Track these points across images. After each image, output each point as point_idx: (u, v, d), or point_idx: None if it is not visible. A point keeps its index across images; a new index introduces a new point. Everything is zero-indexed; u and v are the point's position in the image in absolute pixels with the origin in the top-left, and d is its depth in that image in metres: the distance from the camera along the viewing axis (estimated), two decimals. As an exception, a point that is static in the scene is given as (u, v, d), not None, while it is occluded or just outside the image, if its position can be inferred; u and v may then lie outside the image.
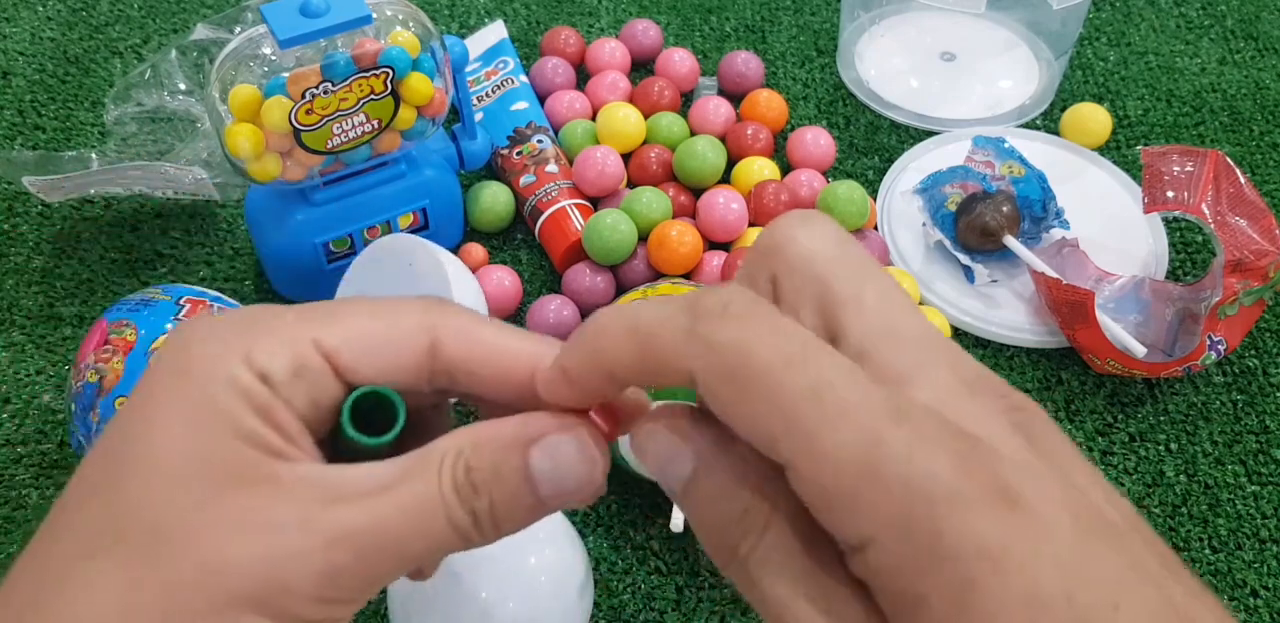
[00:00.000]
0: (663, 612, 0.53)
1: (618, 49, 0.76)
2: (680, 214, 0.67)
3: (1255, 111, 0.76)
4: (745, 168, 0.69)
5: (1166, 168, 0.62)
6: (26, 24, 0.81)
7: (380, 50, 0.54)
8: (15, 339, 0.63)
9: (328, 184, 0.59)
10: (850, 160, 0.73)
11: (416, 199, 0.62)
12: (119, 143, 0.68)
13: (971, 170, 0.67)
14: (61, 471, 0.58)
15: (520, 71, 0.75)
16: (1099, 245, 0.66)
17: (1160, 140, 0.74)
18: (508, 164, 0.69)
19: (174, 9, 0.83)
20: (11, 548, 0.55)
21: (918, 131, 0.75)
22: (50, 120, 0.75)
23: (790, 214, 0.24)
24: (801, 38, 0.81)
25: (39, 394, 0.61)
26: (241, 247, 0.68)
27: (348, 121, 0.55)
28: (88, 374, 0.52)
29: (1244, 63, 0.79)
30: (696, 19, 0.82)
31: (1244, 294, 0.59)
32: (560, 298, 0.62)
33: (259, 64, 0.53)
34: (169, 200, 0.69)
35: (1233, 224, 0.60)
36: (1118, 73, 0.79)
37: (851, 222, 0.65)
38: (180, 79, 0.69)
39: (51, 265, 0.67)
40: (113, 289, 0.66)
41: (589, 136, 0.70)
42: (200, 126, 0.68)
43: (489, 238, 0.68)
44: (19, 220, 0.69)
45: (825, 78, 0.78)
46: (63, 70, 0.78)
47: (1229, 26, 0.82)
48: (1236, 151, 0.74)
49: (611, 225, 0.63)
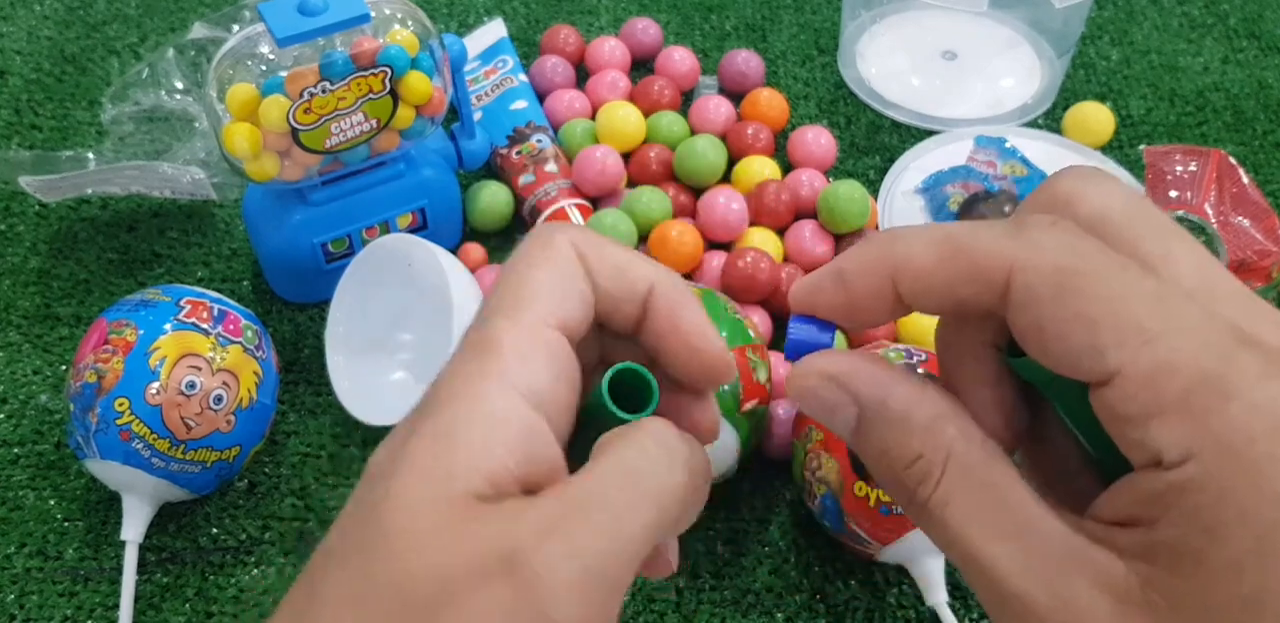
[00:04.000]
0: (663, 614, 0.53)
1: (618, 48, 0.76)
2: (680, 214, 0.67)
3: (1258, 111, 0.76)
4: (746, 167, 0.69)
5: (1169, 167, 0.61)
6: (23, 22, 0.81)
7: (379, 49, 0.54)
8: (12, 339, 0.63)
9: (326, 183, 0.59)
10: (851, 160, 0.73)
11: (415, 199, 0.62)
12: (116, 142, 0.68)
13: (973, 170, 0.67)
14: (58, 472, 0.58)
15: (519, 70, 0.75)
16: (1101, 245, 0.65)
17: (1163, 139, 0.74)
18: (507, 163, 0.69)
19: (171, 8, 0.82)
20: (8, 549, 0.55)
21: (919, 131, 0.75)
22: (47, 119, 0.75)
23: (1071, 168, 0.23)
24: (802, 36, 0.81)
25: (36, 395, 0.61)
26: (239, 246, 0.67)
27: (346, 121, 0.55)
28: (86, 375, 0.52)
29: (1247, 62, 0.79)
30: (697, 17, 0.82)
31: (1247, 294, 0.59)
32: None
33: (257, 63, 0.53)
34: (166, 200, 0.69)
35: (1235, 224, 0.60)
36: (1120, 72, 0.78)
37: (852, 221, 0.65)
38: (178, 78, 0.69)
39: (48, 265, 0.67)
40: (110, 289, 0.65)
41: (589, 136, 0.70)
42: (198, 126, 0.68)
43: (488, 237, 0.68)
44: (16, 220, 0.69)
45: (826, 77, 0.78)
46: (59, 69, 0.78)
47: (1232, 25, 0.82)
48: (1239, 151, 0.73)
49: (611, 225, 0.62)
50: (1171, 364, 0.19)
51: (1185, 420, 0.19)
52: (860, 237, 0.66)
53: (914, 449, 0.22)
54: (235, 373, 0.53)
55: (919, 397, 0.22)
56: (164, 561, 0.55)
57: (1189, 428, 0.19)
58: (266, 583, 0.54)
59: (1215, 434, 0.18)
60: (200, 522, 0.56)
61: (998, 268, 0.21)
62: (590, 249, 0.25)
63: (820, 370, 0.23)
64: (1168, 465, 0.19)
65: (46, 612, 0.53)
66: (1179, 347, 0.19)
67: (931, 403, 0.22)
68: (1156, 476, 0.19)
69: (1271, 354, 0.19)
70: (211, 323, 0.54)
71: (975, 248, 0.21)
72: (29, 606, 0.53)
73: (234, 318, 0.55)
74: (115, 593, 0.53)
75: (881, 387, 0.22)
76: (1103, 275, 0.20)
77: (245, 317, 0.56)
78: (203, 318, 0.54)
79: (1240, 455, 0.18)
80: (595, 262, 0.25)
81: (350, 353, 0.60)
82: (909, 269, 0.22)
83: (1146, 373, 0.19)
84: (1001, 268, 0.21)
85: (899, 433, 0.22)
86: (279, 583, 0.54)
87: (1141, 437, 0.19)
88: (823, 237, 0.65)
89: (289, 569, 0.55)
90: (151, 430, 0.51)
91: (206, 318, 0.54)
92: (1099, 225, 0.21)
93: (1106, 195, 0.22)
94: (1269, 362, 0.19)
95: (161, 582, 0.54)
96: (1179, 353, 0.19)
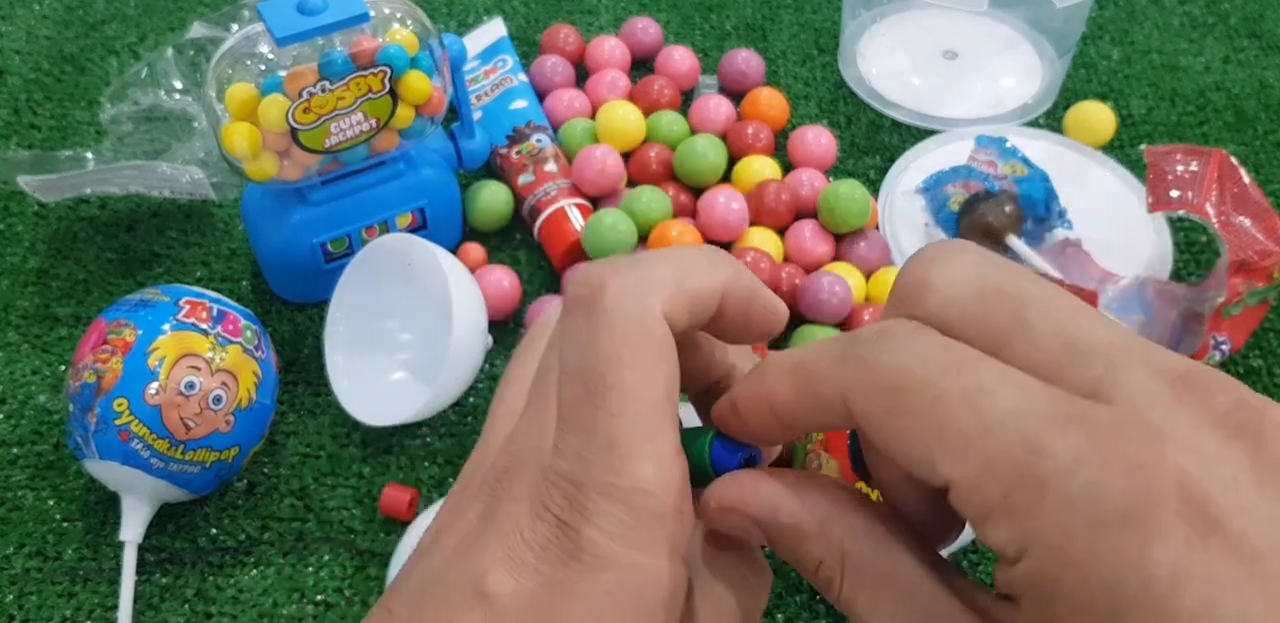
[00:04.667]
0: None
1: (618, 47, 0.76)
2: (680, 213, 0.67)
3: (1259, 110, 0.76)
4: (746, 167, 0.68)
5: (1170, 167, 0.61)
6: (22, 22, 0.81)
7: (378, 48, 0.53)
8: (10, 340, 0.63)
9: (325, 183, 0.59)
10: (852, 159, 0.73)
11: (415, 198, 0.62)
12: (115, 142, 0.68)
13: (974, 169, 0.67)
14: (57, 472, 0.58)
15: (519, 70, 0.75)
16: (1102, 245, 0.65)
17: (1164, 139, 0.74)
18: (506, 163, 0.69)
19: (170, 7, 0.82)
20: (7, 550, 0.55)
21: (920, 130, 0.74)
22: (46, 119, 0.75)
23: (919, 253, 0.23)
24: (802, 36, 0.81)
25: (35, 395, 0.61)
26: (238, 246, 0.67)
27: (345, 120, 0.55)
28: (85, 375, 0.52)
29: (1248, 61, 0.79)
30: (697, 17, 0.82)
31: (1248, 294, 0.59)
32: (559, 298, 0.62)
33: (256, 62, 0.53)
34: (165, 200, 0.69)
35: (1237, 224, 0.60)
36: (1121, 71, 0.78)
37: (853, 221, 0.65)
38: (177, 78, 0.68)
39: (47, 265, 0.66)
40: (109, 289, 0.65)
41: (588, 135, 0.70)
42: (197, 125, 0.68)
43: (488, 237, 0.68)
44: (14, 220, 0.69)
45: (826, 76, 0.78)
46: (58, 69, 0.78)
47: (1233, 25, 0.82)
48: (1241, 151, 0.73)
49: (611, 225, 0.62)
50: (989, 466, 0.19)
51: (1010, 521, 0.19)
52: (861, 237, 0.66)
53: (814, 556, 0.22)
54: (234, 373, 0.53)
55: (803, 507, 0.23)
56: (163, 561, 0.55)
57: (1015, 528, 0.19)
58: (266, 583, 0.54)
59: (1035, 533, 0.18)
60: (199, 522, 0.56)
61: (835, 395, 0.21)
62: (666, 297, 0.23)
63: (717, 503, 0.24)
64: (1009, 562, 0.19)
65: (45, 612, 0.53)
66: (994, 446, 0.19)
67: (814, 509, 0.23)
68: (1005, 571, 0.20)
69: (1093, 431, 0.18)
70: (211, 323, 0.54)
71: (816, 377, 0.22)
72: (28, 606, 0.53)
73: (233, 318, 0.55)
74: (114, 594, 0.53)
75: (769, 506, 0.23)
76: (923, 386, 0.20)
77: (244, 317, 0.56)
78: (202, 318, 0.54)
79: (1061, 552, 0.18)
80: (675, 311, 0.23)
81: (350, 353, 0.60)
82: (775, 403, 0.23)
83: (970, 478, 0.19)
84: (838, 395, 0.21)
85: (796, 544, 0.23)
86: (278, 583, 0.54)
87: (983, 537, 0.20)
88: (823, 236, 0.65)
89: (288, 570, 0.55)
90: (150, 431, 0.51)
91: (205, 318, 0.54)
92: (945, 314, 0.21)
93: (951, 281, 0.21)
94: (1086, 441, 0.18)
95: (160, 582, 0.54)
96: (995, 453, 0.19)
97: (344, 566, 0.55)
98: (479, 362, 0.57)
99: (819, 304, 0.61)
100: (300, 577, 0.54)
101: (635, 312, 0.23)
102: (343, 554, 0.55)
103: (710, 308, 0.24)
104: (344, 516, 0.56)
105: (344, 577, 0.54)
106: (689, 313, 0.24)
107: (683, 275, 0.23)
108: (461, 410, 0.60)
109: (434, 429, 0.59)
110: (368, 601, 0.53)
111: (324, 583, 0.54)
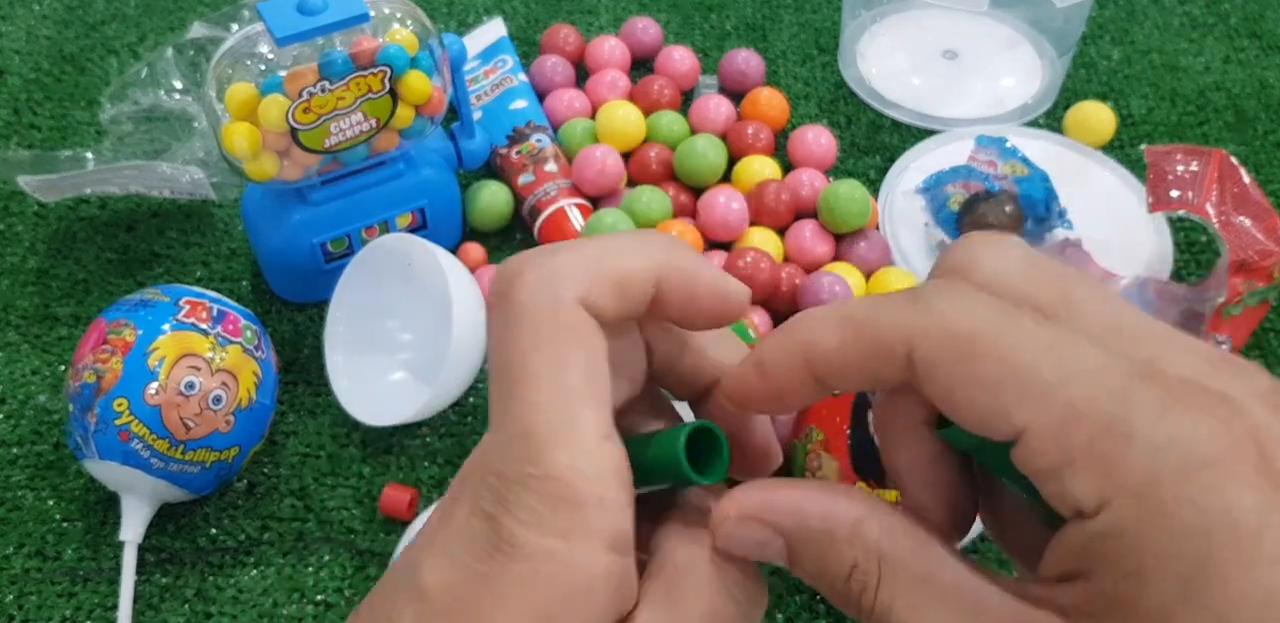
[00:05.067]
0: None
1: (617, 47, 0.76)
2: (680, 213, 0.67)
3: (1259, 110, 0.76)
4: (746, 167, 0.68)
5: (1170, 167, 0.61)
6: (21, 22, 0.81)
7: (378, 48, 0.53)
8: (10, 340, 0.63)
9: (325, 183, 0.59)
10: (852, 159, 0.73)
11: (415, 198, 0.62)
12: (115, 142, 0.68)
13: (974, 169, 0.67)
14: (57, 472, 0.58)
15: (519, 70, 0.75)
16: (1103, 245, 0.65)
17: (1164, 139, 0.74)
18: (506, 163, 0.69)
19: (170, 7, 0.82)
20: (7, 550, 0.55)
21: (920, 130, 0.74)
22: (46, 119, 0.74)
23: (967, 236, 0.23)
24: (802, 36, 0.81)
25: (34, 395, 0.61)
26: (238, 246, 0.67)
27: (345, 120, 0.55)
28: (85, 375, 0.52)
29: (1248, 61, 0.79)
30: (697, 17, 0.82)
31: (1248, 294, 0.59)
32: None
33: (256, 62, 0.53)
34: (165, 200, 0.69)
35: (1237, 224, 0.60)
36: (1121, 71, 0.78)
37: (853, 221, 0.65)
38: (177, 78, 0.68)
39: (47, 265, 0.66)
40: (109, 289, 0.65)
41: (588, 135, 0.70)
42: (197, 125, 0.68)
43: (488, 237, 0.68)
44: (14, 220, 0.69)
45: (826, 76, 0.78)
46: (58, 69, 0.78)
47: (1233, 25, 0.82)
48: (1241, 151, 0.73)
49: (611, 225, 0.62)
50: (1073, 413, 0.19)
51: (1093, 469, 0.19)
52: (861, 237, 0.66)
53: (847, 560, 0.22)
54: (234, 373, 0.53)
55: (834, 507, 0.22)
56: (163, 561, 0.55)
57: (1098, 476, 0.19)
58: (266, 583, 0.54)
59: (1122, 480, 0.18)
60: (199, 522, 0.56)
61: (898, 341, 0.21)
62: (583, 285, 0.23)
63: (737, 512, 0.23)
64: (1088, 515, 0.19)
65: (45, 612, 0.53)
66: (1078, 394, 0.19)
67: (847, 509, 0.22)
68: (1081, 527, 0.19)
69: (1172, 387, 0.19)
70: (210, 323, 0.54)
71: (875, 323, 0.21)
72: (28, 606, 0.53)
73: (233, 318, 0.55)
74: (114, 594, 0.53)
75: (797, 511, 0.22)
76: (998, 332, 0.20)
77: (244, 317, 0.56)
78: (202, 318, 0.54)
79: (1148, 498, 0.18)
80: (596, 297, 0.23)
81: (350, 353, 0.60)
82: (818, 353, 0.22)
83: (1051, 426, 0.19)
84: (902, 340, 0.21)
85: (827, 548, 0.22)
86: (278, 583, 0.54)
87: (1059, 489, 0.19)
88: (823, 236, 0.65)
89: (288, 570, 0.55)
90: (150, 431, 0.51)
91: (205, 318, 0.54)
92: (997, 285, 0.21)
93: (1000, 257, 0.22)
94: (1168, 395, 0.19)
95: (160, 582, 0.54)
96: (1079, 401, 0.19)
97: (344, 566, 0.55)
98: (479, 362, 0.57)
99: (819, 304, 0.61)
100: (300, 577, 0.54)
101: (546, 302, 0.22)
102: (343, 554, 0.55)
103: (644, 292, 0.23)
104: (344, 516, 0.56)
105: (344, 577, 0.54)
106: (616, 299, 0.23)
107: (602, 260, 0.23)
108: (461, 410, 0.60)
109: (434, 429, 0.59)
110: (368, 601, 0.53)
111: (324, 583, 0.54)
